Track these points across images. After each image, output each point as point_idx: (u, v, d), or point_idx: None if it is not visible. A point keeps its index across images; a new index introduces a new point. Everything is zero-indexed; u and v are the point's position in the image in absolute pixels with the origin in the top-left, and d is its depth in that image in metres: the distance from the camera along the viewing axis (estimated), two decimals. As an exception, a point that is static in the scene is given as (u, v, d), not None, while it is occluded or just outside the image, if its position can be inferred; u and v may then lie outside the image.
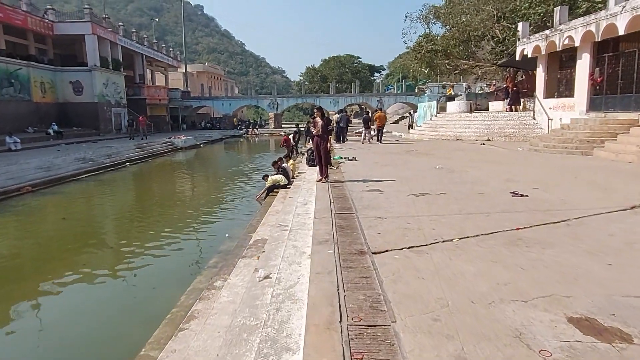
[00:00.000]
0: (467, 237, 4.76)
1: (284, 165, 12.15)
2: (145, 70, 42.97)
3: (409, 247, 4.41)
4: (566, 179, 8.83)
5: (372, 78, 74.47)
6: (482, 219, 5.60)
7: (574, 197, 6.94)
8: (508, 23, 22.51)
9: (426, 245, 4.50)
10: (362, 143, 20.07)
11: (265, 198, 11.43)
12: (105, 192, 14.19)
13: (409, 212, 6.06)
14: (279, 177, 11.47)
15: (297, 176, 12.49)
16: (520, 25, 19.55)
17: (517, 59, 19.74)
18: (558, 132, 14.97)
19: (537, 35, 18.00)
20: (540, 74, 18.95)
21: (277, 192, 11.34)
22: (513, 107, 22.23)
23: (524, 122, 19.55)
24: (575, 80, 16.51)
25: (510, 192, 7.17)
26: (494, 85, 48.17)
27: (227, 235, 8.05)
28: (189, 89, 51.41)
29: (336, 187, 8.23)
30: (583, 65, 15.88)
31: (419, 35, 25.72)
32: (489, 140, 19.14)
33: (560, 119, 17.11)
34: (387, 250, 4.33)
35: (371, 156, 14.11)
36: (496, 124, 20.08)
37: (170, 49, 51.14)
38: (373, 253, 4.24)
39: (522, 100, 22.78)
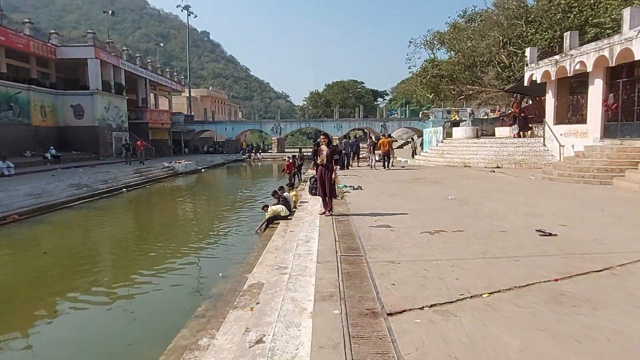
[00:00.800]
0: (499, 292, 4.00)
1: (284, 194, 11.47)
2: (149, 94, 42.99)
3: (432, 306, 3.66)
4: (592, 214, 8.08)
5: (375, 103, 74.63)
6: (511, 265, 4.85)
7: (607, 236, 6.18)
8: (514, 48, 22.19)
9: (452, 302, 3.74)
10: (372, 169, 19.49)
11: (264, 230, 10.72)
12: (94, 222, 13.45)
13: (425, 255, 5.31)
14: (280, 208, 10.77)
15: (299, 206, 11.79)
16: (528, 51, 19.17)
17: (525, 84, 19.26)
18: (573, 160, 14.28)
19: (546, 60, 17.57)
20: (549, 100, 18.43)
21: (278, 224, 10.64)
22: (521, 133, 21.71)
23: (534, 149, 18.92)
24: (588, 106, 15.96)
25: (536, 230, 6.42)
26: (499, 110, 47.95)
27: (220, 274, 7.30)
28: (192, 113, 51.39)
29: (341, 222, 7.50)
30: (596, 91, 15.34)
31: (424, 61, 25.44)
32: (499, 167, 18.47)
33: (573, 145, 16.48)
34: (405, 310, 3.57)
35: (377, 185, 13.42)
36: (505, 151, 19.45)
37: (175, 73, 51.47)
38: (388, 314, 3.49)
39: (530, 126, 22.31)
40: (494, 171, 17.19)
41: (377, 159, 20.92)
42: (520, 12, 23.15)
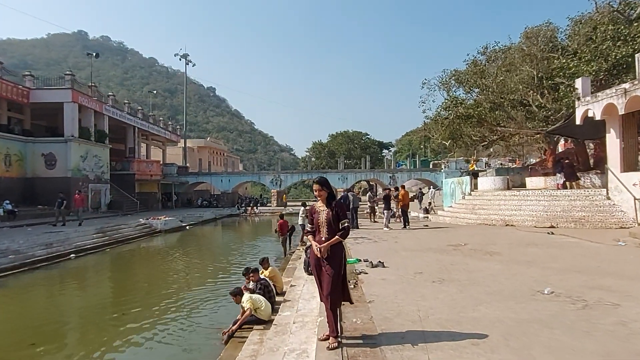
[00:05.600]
0: None
1: (262, 278, 7.32)
2: (138, 144, 39.88)
3: None
4: None
5: (381, 155, 71.46)
6: None
7: None
8: (553, 83, 18.72)
9: None
10: (387, 228, 15.43)
11: (228, 340, 6.44)
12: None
13: None
14: (261, 302, 6.54)
15: (287, 291, 7.61)
16: (579, 82, 15.62)
17: (577, 122, 15.50)
18: (679, 220, 10.12)
19: (608, 91, 13.90)
20: (613, 141, 14.55)
21: (250, 330, 6.42)
22: (567, 183, 17.74)
23: (595, 203, 14.78)
24: (676, 147, 12.06)
25: None
26: (519, 160, 44.33)
27: None
28: (187, 164, 48.12)
29: (364, 377, 3.31)
30: (688, 127, 11.50)
31: (445, 99, 21.95)
32: (553, 227, 14.28)
33: (656, 199, 12.43)
34: None
35: (404, 257, 9.23)
36: (557, 205, 15.32)
37: (169, 122, 48.81)
38: None
39: (578, 175, 18.41)
40: (552, 233, 12.98)
41: (390, 214, 16.88)
42: (550, 47, 20.01)
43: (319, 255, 4.12)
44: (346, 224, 4.14)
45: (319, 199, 4.23)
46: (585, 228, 13.89)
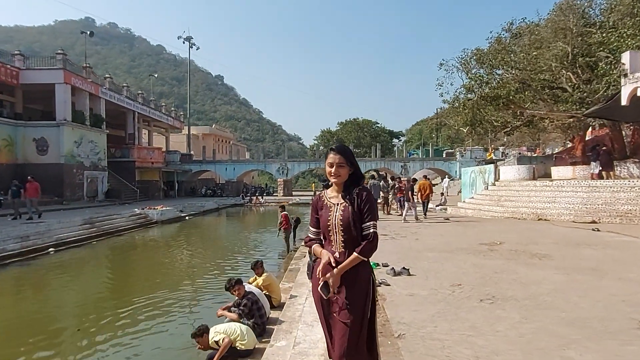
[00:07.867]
0: None
1: (250, 289, 5.64)
2: (139, 130, 38.37)
3: None
4: None
5: (391, 144, 69.29)
6: None
7: None
8: (591, 60, 16.68)
9: None
10: (406, 222, 13.76)
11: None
12: None
13: None
14: (237, 332, 4.85)
15: (285, 304, 5.93)
16: (626, 56, 13.61)
17: (623, 103, 13.50)
18: None
19: (666, 64, 11.92)
20: (666, 124, 12.61)
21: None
22: (604, 172, 15.83)
23: (643, 195, 12.88)
24: None
25: None
26: (539, 148, 42.09)
27: None
28: (191, 152, 46.55)
29: None
30: None
31: (468, 78, 19.89)
32: (595, 222, 12.45)
33: None
34: None
35: (432, 259, 7.49)
36: (599, 197, 13.45)
37: (173, 109, 47.21)
38: None
39: (615, 163, 16.48)
40: (597, 229, 11.14)
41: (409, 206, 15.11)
42: (583, 22, 17.90)
43: (327, 290, 2.36)
44: (372, 229, 2.40)
45: (333, 181, 2.44)
46: (634, 223, 12.05)
